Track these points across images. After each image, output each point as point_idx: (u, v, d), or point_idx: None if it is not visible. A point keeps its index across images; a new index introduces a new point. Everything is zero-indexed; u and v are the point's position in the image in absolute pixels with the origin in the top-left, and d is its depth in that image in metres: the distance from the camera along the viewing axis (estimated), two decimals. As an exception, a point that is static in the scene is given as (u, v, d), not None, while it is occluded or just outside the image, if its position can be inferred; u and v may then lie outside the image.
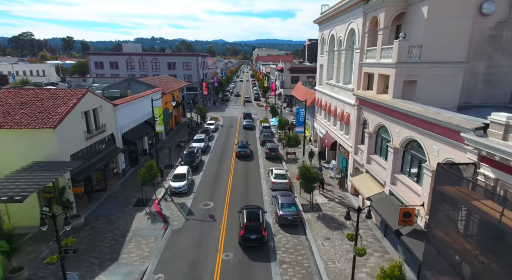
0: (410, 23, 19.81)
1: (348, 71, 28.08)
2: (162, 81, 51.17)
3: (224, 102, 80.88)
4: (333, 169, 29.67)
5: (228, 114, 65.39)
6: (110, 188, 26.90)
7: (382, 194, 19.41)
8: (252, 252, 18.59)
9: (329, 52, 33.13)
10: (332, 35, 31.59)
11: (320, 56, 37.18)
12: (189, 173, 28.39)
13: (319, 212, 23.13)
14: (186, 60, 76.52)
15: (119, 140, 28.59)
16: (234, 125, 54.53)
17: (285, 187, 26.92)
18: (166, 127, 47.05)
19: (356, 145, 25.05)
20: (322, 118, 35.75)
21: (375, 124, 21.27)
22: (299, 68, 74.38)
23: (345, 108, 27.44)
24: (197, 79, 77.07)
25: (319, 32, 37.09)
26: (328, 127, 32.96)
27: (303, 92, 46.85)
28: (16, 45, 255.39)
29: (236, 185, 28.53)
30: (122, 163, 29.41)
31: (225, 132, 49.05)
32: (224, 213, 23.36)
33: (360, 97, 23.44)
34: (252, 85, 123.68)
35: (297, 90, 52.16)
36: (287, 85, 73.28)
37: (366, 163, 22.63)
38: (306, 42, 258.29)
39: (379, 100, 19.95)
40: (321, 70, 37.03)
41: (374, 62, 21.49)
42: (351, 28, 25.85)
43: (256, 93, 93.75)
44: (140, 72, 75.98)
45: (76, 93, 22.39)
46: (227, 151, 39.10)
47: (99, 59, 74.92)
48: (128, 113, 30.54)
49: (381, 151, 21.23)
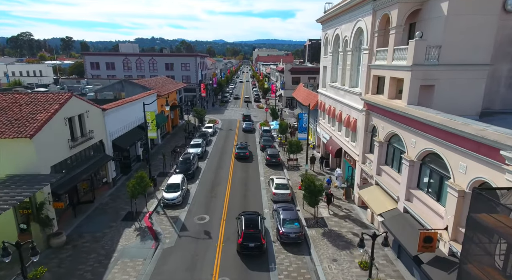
0: (426, 21, 17.89)
1: (355, 73, 26.15)
2: (158, 82, 49.26)
3: (223, 104, 78.97)
4: (338, 178, 27.73)
5: (227, 116, 63.47)
6: (99, 199, 24.98)
7: (395, 211, 17.47)
8: (252, 277, 16.67)
9: (334, 53, 31.21)
10: (336, 34, 29.67)
11: (323, 57, 35.26)
12: (184, 183, 26.46)
13: (325, 228, 21.18)
14: (184, 60, 74.62)
15: (109, 147, 26.67)
16: (233, 128, 52.60)
17: (287, 199, 24.99)
18: (162, 130, 45.15)
19: (364, 153, 23.12)
20: (326, 123, 33.82)
21: (386, 132, 19.34)
22: (300, 69, 72.49)
23: (352, 113, 25.51)
24: (195, 80, 75.19)
25: (322, 31, 35.18)
26: (333, 133, 31.03)
27: (305, 94, 44.93)
28: (15, 45, 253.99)
29: (234, 195, 26.60)
30: (113, 172, 27.47)
31: (223, 136, 47.12)
32: (221, 228, 21.42)
33: (368, 102, 21.51)
34: (252, 86, 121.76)
35: (298, 92, 50.24)
36: (288, 87, 71.39)
37: (375, 175, 20.69)
38: (307, 42, 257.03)
39: (392, 106, 18.03)
40: (324, 72, 35.10)
41: (385, 65, 19.56)
42: (359, 27, 23.93)
43: (256, 95, 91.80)
44: (137, 73, 74.09)
45: (59, 98, 20.47)
46: (226, 157, 37.17)
47: (95, 60, 73.02)
48: (119, 118, 28.61)
49: (393, 162, 19.29)
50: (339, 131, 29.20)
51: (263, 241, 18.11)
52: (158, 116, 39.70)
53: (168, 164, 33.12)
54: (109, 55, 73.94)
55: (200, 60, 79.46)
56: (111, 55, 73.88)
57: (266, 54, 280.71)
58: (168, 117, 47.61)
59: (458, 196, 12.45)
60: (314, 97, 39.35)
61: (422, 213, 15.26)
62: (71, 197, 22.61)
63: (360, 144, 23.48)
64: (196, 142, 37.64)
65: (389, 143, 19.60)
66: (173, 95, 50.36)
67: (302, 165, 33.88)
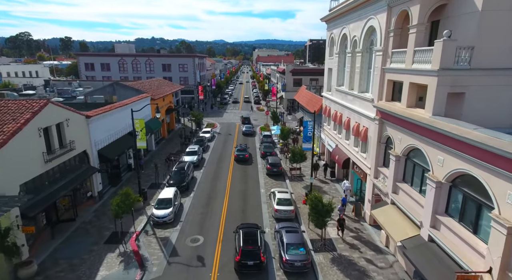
0: (453, 18, 15.47)
1: (365, 77, 23.72)
2: (153, 84, 46.82)
3: (222, 106, 76.51)
4: (346, 191, 25.29)
5: (226, 119, 60.99)
6: (82, 216, 22.54)
7: (418, 239, 15.02)
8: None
9: (340, 54, 28.78)
10: (343, 34, 27.25)
11: (328, 59, 32.83)
12: (177, 197, 24.02)
13: (333, 253, 18.73)
14: (182, 61, 72.19)
15: (94, 158, 24.23)
16: (232, 132, 50.14)
17: (290, 216, 22.54)
18: (157, 136, 42.70)
19: (376, 167, 20.68)
20: (331, 129, 31.37)
21: (404, 145, 16.91)
22: (302, 70, 70.05)
23: (362, 121, 23.08)
24: (193, 82, 72.78)
25: (327, 31, 32.75)
26: (339, 141, 28.59)
27: (307, 98, 42.49)
28: (14, 46, 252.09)
29: (232, 211, 24.17)
30: (99, 185, 25.03)
31: (222, 141, 44.66)
32: (216, 253, 18.97)
33: (382, 110, 19.07)
34: (252, 87, 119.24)
35: (300, 95, 47.81)
36: (289, 88, 68.94)
37: (391, 193, 18.26)
38: (307, 43, 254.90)
39: (412, 116, 15.59)
40: (329, 75, 32.67)
41: (404, 68, 17.13)
42: (370, 25, 21.50)
43: (256, 96, 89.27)
44: (133, 74, 71.69)
45: (32, 106, 18.04)
46: (224, 165, 34.72)
47: (89, 60, 70.58)
48: (106, 125, 26.18)
49: (412, 180, 16.85)
50: (346, 140, 26.77)
51: (263, 258, 16.84)
52: (152, 121, 37.31)
53: (161, 174, 30.69)
54: (104, 56, 71.53)
55: (198, 60, 77.05)
56: (106, 55, 71.49)
57: (266, 54, 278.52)
58: (164, 122, 45.18)
59: (507, 234, 10.03)
60: (317, 101, 36.91)
61: (454, 246, 12.81)
62: (49, 216, 20.20)
63: (372, 156, 21.05)
64: (192, 149, 35.17)
65: (407, 158, 17.16)
66: (169, 97, 47.94)
67: (306, 175, 31.46)
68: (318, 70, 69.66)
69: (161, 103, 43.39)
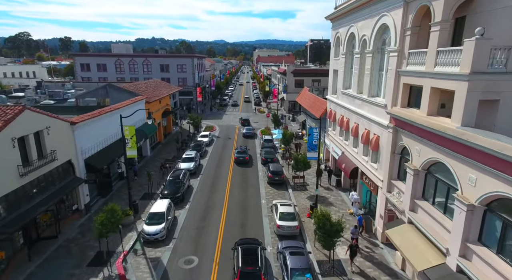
0: (484, 13, 13.50)
1: (376, 80, 21.73)
2: (149, 86, 44.86)
3: (221, 108, 74.45)
4: (354, 204, 23.32)
5: (226, 121, 58.99)
6: (66, 232, 20.57)
7: (443, 268, 13.02)
8: None
9: (347, 54, 26.81)
10: (351, 33, 25.27)
11: (333, 60, 30.84)
12: (170, 210, 22.03)
13: (343, 277, 16.74)
14: (180, 62, 70.22)
15: (80, 168, 22.26)
16: (232, 136, 48.16)
17: (294, 232, 20.55)
18: (153, 140, 40.74)
19: (389, 180, 18.69)
20: (337, 135, 29.38)
21: (424, 158, 14.92)
22: (304, 71, 68.09)
23: (372, 128, 21.10)
24: (192, 83, 70.81)
25: (332, 30, 30.77)
26: (346, 148, 26.62)
27: (310, 100, 40.50)
28: (13, 46, 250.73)
29: (230, 225, 22.19)
30: (86, 197, 23.07)
31: (220, 146, 42.66)
32: (212, 276, 16.99)
33: (397, 117, 17.10)
34: (253, 88, 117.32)
35: (303, 98, 45.82)
36: (291, 90, 67.00)
37: (408, 211, 16.27)
38: (308, 43, 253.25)
39: (434, 126, 13.62)
40: (335, 77, 30.69)
41: (424, 71, 15.15)
42: (383, 23, 19.52)
43: (256, 98, 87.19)
44: (130, 75, 69.74)
45: (6, 113, 16.08)
46: (222, 172, 32.74)
47: (85, 61, 68.62)
48: (94, 132, 24.21)
49: (434, 198, 14.86)
50: (354, 147, 24.78)
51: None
52: (147, 126, 35.34)
53: (155, 182, 28.72)
54: (100, 56, 69.54)
55: (197, 61, 75.11)
56: (103, 56, 69.50)
57: (267, 54, 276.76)
58: (160, 125, 43.22)
59: None
60: (321, 104, 34.91)
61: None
62: (28, 234, 18.23)
63: (384, 167, 19.06)
64: (189, 156, 33.16)
65: (428, 172, 15.18)
66: (165, 100, 45.97)
67: (310, 183, 29.49)
68: (320, 70, 67.72)
69: (157, 106, 41.44)
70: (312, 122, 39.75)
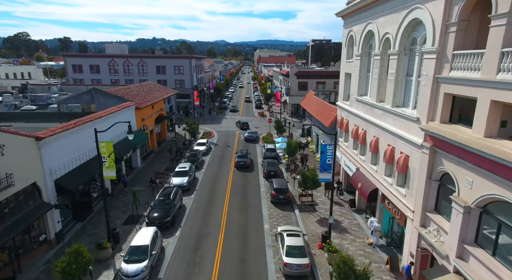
0: None
1: (402, 86, 18.12)
2: (142, 90, 41.34)
3: (221, 111, 70.81)
4: (374, 233, 19.73)
5: (225, 126, 55.42)
6: (28, 271, 17.03)
7: None
8: None
9: (363, 56, 23.23)
10: (369, 31, 21.69)
11: (345, 62, 27.24)
12: (156, 243, 18.42)
13: None
14: (178, 63, 66.71)
15: (48, 191, 18.71)
16: (231, 143, 44.62)
17: (304, 272, 16.97)
18: (144, 150, 37.20)
19: (424, 212, 15.10)
20: (350, 148, 25.79)
21: (481, 193, 11.32)
22: (308, 72, 64.53)
23: (398, 145, 17.49)
24: (190, 85, 67.30)
25: (344, 29, 27.18)
26: (362, 164, 23.04)
27: (317, 106, 36.89)
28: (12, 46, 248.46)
29: (228, 259, 18.62)
30: (56, 224, 19.51)
31: (219, 156, 39.10)
32: None
33: (437, 136, 13.51)
34: (254, 89, 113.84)
35: (308, 102, 42.23)
36: (294, 92, 63.56)
37: (455, 258, 12.66)
38: (310, 43, 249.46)
39: (503, 155, 10.02)
40: (347, 81, 27.13)
41: (479, 79, 11.55)
42: (414, 18, 15.92)
43: (257, 100, 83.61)
44: (124, 77, 66.28)
45: None
46: (220, 186, 29.21)
47: (77, 62, 65.14)
48: (68, 147, 20.64)
49: (496, 248, 11.24)
50: (373, 165, 21.18)
51: None
52: (136, 134, 31.83)
53: (143, 201, 25.16)
54: (93, 57, 66.07)
55: (195, 62, 71.61)
56: (96, 56, 66.01)
57: (268, 55, 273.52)
58: (153, 132, 39.69)
59: None
60: (331, 111, 31.32)
61: None
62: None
63: (416, 195, 15.47)
64: (182, 169, 29.56)
65: (485, 211, 11.58)
66: (159, 104, 42.43)
67: (319, 202, 25.95)
68: (325, 72, 64.19)
69: (150, 112, 37.92)
70: (319, 131, 36.21)
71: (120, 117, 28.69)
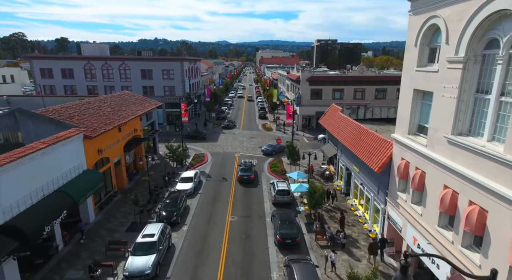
0: None
1: None
2: (107, 105, 30.60)
3: (218, 123, 59.67)
4: None
5: (222, 145, 44.47)
6: None
7: None
8: None
9: (470, 62, 12.32)
10: (489, 15, 10.85)
11: (415, 71, 16.21)
12: None
13: None
14: (167, 66, 55.99)
15: None
16: (228, 173, 33.78)
17: None
18: (101, 194, 26.42)
19: None
20: (418, 215, 14.86)
21: None
22: (323, 77, 53.61)
23: None
24: (181, 92, 56.62)
25: (412, 15, 16.21)
26: (446, 246, 12.12)
27: (350, 131, 25.80)
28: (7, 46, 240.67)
29: None
30: None
31: (211, 197, 28.26)
32: None
33: None
34: (256, 95, 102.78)
35: (332, 121, 31.25)
36: (306, 102, 52.77)
37: None
38: (315, 43, 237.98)
39: None
40: (415, 103, 16.29)
41: None
42: None
43: (261, 108, 72.63)
44: (104, 83, 55.66)
45: None
46: (207, 266, 18.41)
47: (46, 65, 54.50)
48: None
49: None
50: (473, 251, 10.30)
51: None
52: (85, 177, 21.20)
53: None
54: (65, 59, 55.24)
55: (189, 65, 60.88)
56: (68, 58, 55.27)
57: (271, 55, 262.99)
58: (121, 164, 28.92)
59: None
60: (377, 144, 20.35)
61: None
62: None
63: None
64: (148, 240, 18.51)
65: None
66: (133, 123, 31.70)
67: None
68: (344, 78, 53.30)
69: (113, 137, 27.19)
70: (353, 166, 25.37)
71: (53, 156, 18.05)
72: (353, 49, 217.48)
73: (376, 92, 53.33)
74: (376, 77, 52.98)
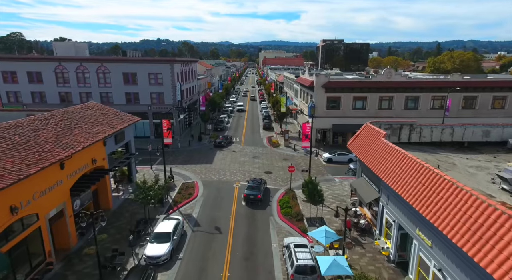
0: None
1: None
2: (52, 125, 21.51)
3: (215, 136, 49.96)
4: None
5: (218, 170, 35.17)
6: None
7: None
8: None
9: None
10: None
11: None
12: None
13: None
14: (154, 69, 46.84)
15: None
16: (225, 218, 24.55)
17: None
18: (31, 260, 17.22)
19: None
20: None
21: None
22: (342, 83, 44.18)
23: None
24: (171, 100, 47.49)
25: None
26: None
27: (407, 173, 16.24)
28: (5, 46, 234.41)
29: None
30: None
31: (195, 269, 19.03)
32: None
33: None
34: (260, 99, 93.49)
35: (370, 150, 21.78)
36: (321, 112, 43.56)
37: None
38: (320, 43, 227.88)
39: None
40: None
41: None
42: None
43: (265, 116, 63.36)
44: (79, 89, 46.60)
45: None
46: None
47: (9, 67, 45.50)
48: None
49: None
50: None
51: None
52: None
53: None
54: (32, 60, 46.15)
55: (182, 67, 51.71)
56: (36, 60, 46.14)
57: (274, 56, 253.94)
58: (63, 217, 19.75)
59: None
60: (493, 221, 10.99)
61: None
62: None
63: None
64: None
65: None
66: (91, 151, 22.56)
67: None
68: (368, 84, 43.89)
69: (52, 178, 18.03)
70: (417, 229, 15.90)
71: None
72: (360, 49, 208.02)
73: (407, 100, 43.97)
74: (408, 83, 43.58)
